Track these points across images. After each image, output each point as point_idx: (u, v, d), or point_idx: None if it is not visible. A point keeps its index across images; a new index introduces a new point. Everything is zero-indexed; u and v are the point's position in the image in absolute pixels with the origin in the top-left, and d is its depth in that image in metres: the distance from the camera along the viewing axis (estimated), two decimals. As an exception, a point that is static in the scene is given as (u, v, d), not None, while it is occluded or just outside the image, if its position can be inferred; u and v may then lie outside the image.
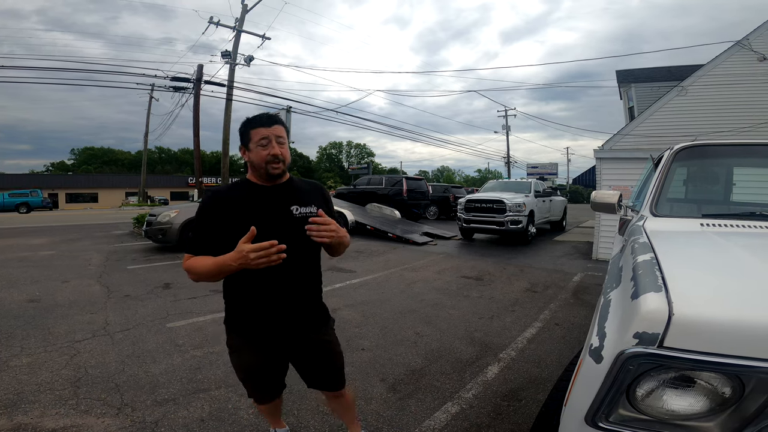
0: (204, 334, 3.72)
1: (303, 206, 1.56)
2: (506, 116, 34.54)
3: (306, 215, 1.53)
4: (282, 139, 1.51)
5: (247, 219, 1.44)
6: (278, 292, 1.53)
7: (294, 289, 1.57)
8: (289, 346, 1.64)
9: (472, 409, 2.55)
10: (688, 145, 2.38)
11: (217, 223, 1.48)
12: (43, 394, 2.61)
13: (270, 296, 1.53)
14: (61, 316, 4.22)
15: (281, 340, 1.61)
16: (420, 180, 17.73)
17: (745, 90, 7.82)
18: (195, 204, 10.03)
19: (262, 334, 1.58)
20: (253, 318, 1.56)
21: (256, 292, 1.53)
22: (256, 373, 1.68)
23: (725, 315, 0.83)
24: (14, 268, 6.75)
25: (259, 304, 1.54)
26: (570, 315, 4.48)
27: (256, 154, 1.49)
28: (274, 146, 1.48)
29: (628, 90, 12.93)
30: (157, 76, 15.67)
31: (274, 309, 1.55)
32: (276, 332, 1.58)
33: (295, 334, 1.62)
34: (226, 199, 1.50)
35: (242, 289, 1.55)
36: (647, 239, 1.39)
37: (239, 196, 1.52)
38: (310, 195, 1.63)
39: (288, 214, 1.53)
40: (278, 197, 1.54)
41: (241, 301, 1.57)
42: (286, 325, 1.58)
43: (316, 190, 1.69)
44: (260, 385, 1.73)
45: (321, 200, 1.66)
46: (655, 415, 0.87)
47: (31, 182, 44.81)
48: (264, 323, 1.56)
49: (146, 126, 32.09)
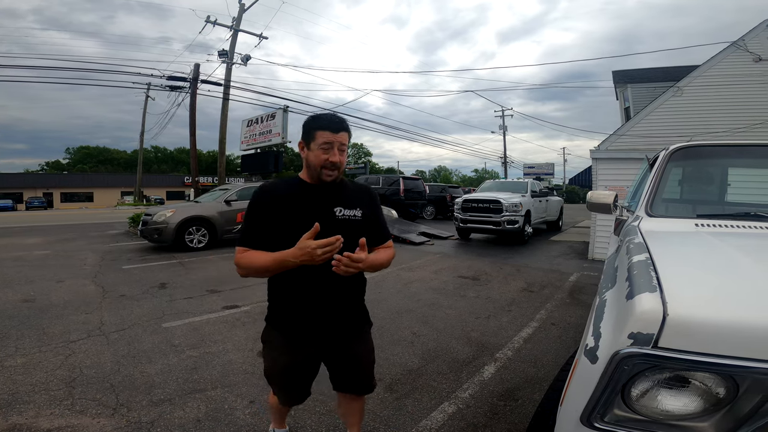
0: (200, 335, 3.71)
1: (347, 208, 1.55)
2: (503, 116, 34.61)
3: (349, 218, 1.54)
4: (344, 147, 1.51)
5: (291, 216, 1.47)
6: (323, 292, 1.53)
7: (338, 291, 1.56)
8: (326, 347, 1.64)
9: (468, 408, 2.55)
10: (683, 146, 2.39)
11: (267, 217, 1.49)
12: (38, 395, 2.60)
13: (314, 296, 1.53)
14: (55, 316, 4.20)
15: (320, 340, 1.61)
16: (417, 180, 17.75)
17: (741, 91, 7.86)
18: (191, 203, 10.00)
19: (302, 333, 1.58)
20: (295, 316, 1.56)
21: (301, 291, 1.53)
22: (289, 372, 1.65)
23: (719, 315, 0.83)
24: (8, 267, 6.71)
25: (303, 303, 1.54)
26: (566, 315, 4.49)
27: (315, 156, 1.49)
28: (335, 153, 1.48)
29: (624, 90, 12.96)
30: (154, 76, 15.59)
31: (317, 309, 1.55)
32: (317, 332, 1.58)
33: (335, 336, 1.62)
34: (276, 194, 1.51)
35: (287, 287, 1.55)
36: (642, 239, 1.40)
37: (288, 193, 1.53)
38: (357, 198, 1.62)
39: (330, 215, 1.52)
40: (324, 197, 1.54)
41: (286, 299, 1.57)
42: (328, 326, 1.58)
43: (364, 193, 1.68)
44: (289, 384, 1.70)
45: (369, 204, 1.65)
46: (650, 415, 0.87)
47: (26, 182, 44.61)
48: (306, 322, 1.56)
49: (142, 125, 31.96)
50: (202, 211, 9.09)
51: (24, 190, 42.43)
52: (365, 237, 1.52)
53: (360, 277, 1.66)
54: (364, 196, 1.66)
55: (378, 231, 1.67)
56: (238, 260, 1.47)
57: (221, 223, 9.16)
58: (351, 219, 1.55)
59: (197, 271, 6.59)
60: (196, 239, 8.81)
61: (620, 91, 13.46)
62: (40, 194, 42.38)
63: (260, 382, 2.82)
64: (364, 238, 1.41)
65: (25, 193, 41.62)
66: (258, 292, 5.26)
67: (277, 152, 16.08)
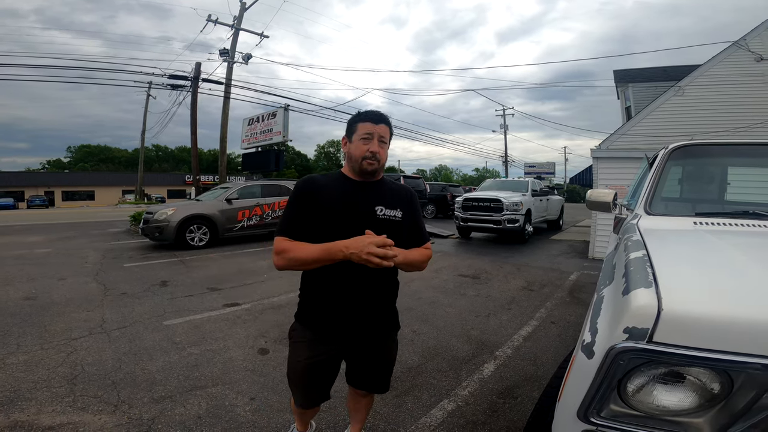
0: (201, 332, 3.72)
1: (388, 208, 1.55)
2: (504, 115, 34.56)
3: (389, 218, 1.54)
4: (384, 139, 1.52)
5: (331, 210, 1.47)
6: (356, 291, 1.52)
7: (371, 291, 1.56)
8: (353, 346, 1.63)
9: (468, 406, 2.56)
10: (682, 145, 2.40)
11: (305, 209, 1.49)
12: (40, 392, 2.61)
13: (347, 294, 1.52)
14: (57, 313, 4.22)
15: (349, 340, 1.60)
16: (418, 179, 17.76)
17: (742, 90, 7.85)
18: (192, 202, 10.02)
19: (331, 330, 1.56)
20: (326, 313, 1.55)
21: (335, 289, 1.52)
22: (311, 370, 1.61)
23: (714, 311, 0.84)
24: (10, 265, 6.73)
25: (335, 300, 1.53)
26: (566, 313, 4.50)
27: (356, 147, 1.51)
28: (375, 143, 1.49)
29: (625, 90, 12.95)
30: (155, 74, 15.62)
31: (349, 307, 1.54)
32: (345, 331, 1.57)
33: (364, 336, 1.61)
34: (316, 187, 1.51)
35: (322, 284, 1.54)
36: (640, 237, 1.40)
37: (330, 186, 1.53)
38: (397, 198, 1.61)
39: (371, 214, 1.52)
40: (366, 194, 1.54)
41: (318, 296, 1.56)
42: (357, 326, 1.57)
43: (405, 195, 1.66)
44: (309, 383, 1.66)
45: (409, 205, 1.64)
46: (645, 411, 0.88)
47: (28, 180, 44.68)
48: (336, 320, 1.54)
49: (143, 124, 32.02)
50: (203, 209, 9.10)
51: (25, 188, 42.49)
52: (404, 238, 1.54)
53: (393, 279, 1.66)
54: (405, 197, 1.65)
55: (417, 233, 1.66)
56: (283, 249, 1.44)
57: (222, 222, 9.18)
58: (391, 219, 1.54)
59: (198, 270, 6.61)
60: (197, 237, 8.82)
61: (621, 90, 13.44)
62: (42, 193, 42.44)
63: (261, 379, 2.84)
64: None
65: (26, 192, 41.68)
66: (258, 290, 5.27)
67: (278, 151, 16.10)
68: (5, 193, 38.83)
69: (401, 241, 1.53)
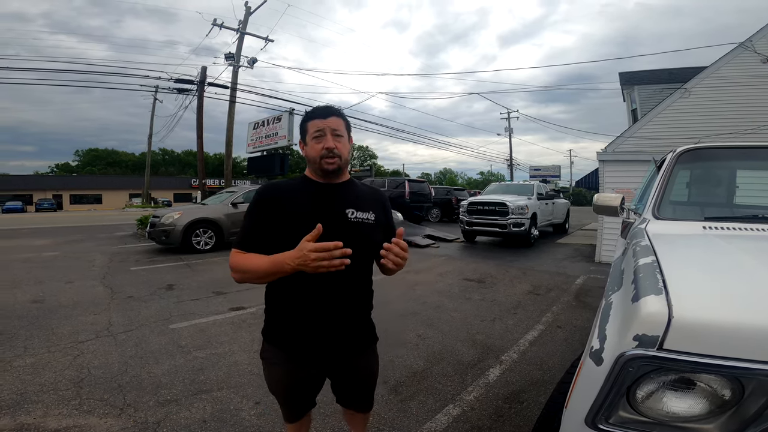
0: (206, 336, 3.73)
1: (360, 211, 1.43)
2: (509, 118, 34.54)
3: (362, 221, 1.43)
4: (339, 132, 1.39)
5: (298, 216, 1.34)
6: (326, 304, 1.39)
7: (343, 303, 1.42)
8: (329, 364, 1.51)
9: (473, 411, 2.55)
10: (690, 148, 2.38)
11: (268, 217, 1.36)
12: (46, 395, 2.63)
13: (316, 308, 1.39)
14: (64, 316, 4.25)
15: (320, 358, 1.46)
16: (422, 182, 17.74)
17: (749, 92, 7.78)
18: (198, 206, 10.07)
19: (303, 350, 1.43)
20: (295, 331, 1.41)
21: (302, 303, 1.39)
22: (291, 389, 1.53)
23: (725, 317, 0.83)
24: (18, 268, 6.79)
25: (303, 316, 1.40)
26: (572, 317, 4.47)
27: (311, 148, 1.39)
28: (329, 139, 1.37)
29: (631, 92, 12.89)
30: (161, 78, 15.82)
31: (319, 323, 1.40)
32: (319, 349, 1.43)
33: (338, 353, 1.48)
34: (280, 193, 1.40)
35: (286, 298, 1.41)
36: (649, 242, 1.39)
37: (293, 191, 1.41)
38: (369, 200, 1.51)
39: (342, 217, 1.40)
40: (334, 197, 1.42)
41: (284, 312, 1.43)
42: (331, 342, 1.44)
43: (377, 197, 1.56)
44: (291, 402, 1.59)
45: (381, 207, 1.54)
46: (655, 417, 0.87)
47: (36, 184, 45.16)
48: (307, 338, 1.41)
49: (150, 128, 32.33)
50: (209, 213, 9.15)
51: (34, 191, 42.93)
52: (379, 241, 1.44)
53: (367, 288, 1.54)
54: (377, 199, 1.56)
55: (391, 234, 1.54)
56: (235, 263, 1.34)
57: (228, 225, 9.21)
58: (364, 222, 1.43)
59: (204, 273, 6.63)
60: (203, 241, 8.86)
61: (627, 92, 13.38)
62: (50, 196, 42.86)
63: (266, 383, 2.83)
64: (402, 228, 1.35)
65: (34, 195, 42.12)
66: (263, 294, 5.28)
67: (283, 154, 16.15)
68: (14, 197, 39.26)
69: (376, 244, 1.43)
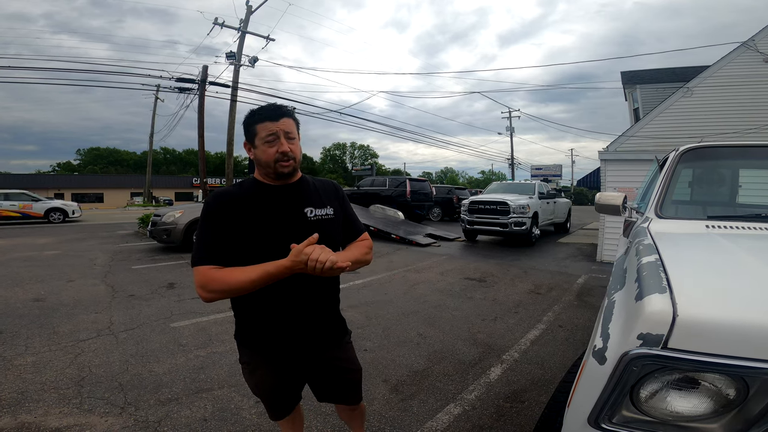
0: (207, 334, 3.73)
1: (318, 208, 1.43)
2: (510, 117, 34.48)
3: (321, 218, 1.42)
4: (291, 134, 1.35)
5: (257, 222, 1.32)
6: (294, 303, 1.39)
7: (310, 301, 1.43)
8: (304, 361, 1.50)
9: (474, 410, 2.54)
10: (693, 147, 2.37)
11: (225, 227, 1.30)
12: (47, 393, 2.63)
13: (285, 308, 1.39)
14: (65, 315, 4.25)
15: (297, 355, 1.47)
16: (423, 181, 17.71)
17: (751, 91, 7.76)
18: (199, 205, 10.07)
19: (277, 350, 1.44)
20: (266, 332, 1.42)
21: (270, 304, 1.38)
22: (273, 390, 1.54)
23: (730, 316, 0.82)
24: (19, 267, 6.80)
25: (273, 317, 1.40)
26: (574, 317, 4.46)
27: (262, 152, 1.33)
28: (283, 143, 1.32)
29: (633, 91, 12.85)
30: (162, 77, 15.80)
31: (289, 322, 1.41)
32: (291, 347, 1.44)
33: (311, 350, 1.48)
34: (233, 201, 1.34)
35: (254, 301, 1.38)
36: (652, 241, 1.38)
37: (247, 197, 1.35)
38: (324, 195, 1.49)
39: (302, 217, 1.38)
40: (290, 198, 1.39)
41: (254, 314, 1.42)
42: (302, 340, 1.44)
43: (330, 190, 1.54)
44: (277, 401, 1.58)
45: (336, 200, 1.52)
46: (658, 417, 0.86)
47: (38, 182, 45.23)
48: (279, 338, 1.42)
49: (151, 127, 32.35)
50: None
51: (36, 190, 42.91)
52: (340, 235, 1.43)
53: (334, 284, 1.53)
54: (331, 192, 1.53)
55: (351, 227, 1.56)
56: (207, 281, 1.23)
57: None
58: (324, 219, 1.42)
59: (205, 272, 6.62)
60: (204, 240, 8.84)
61: (629, 92, 13.36)
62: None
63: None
64: (316, 234, 1.26)
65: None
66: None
67: (283, 153, 16.13)
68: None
69: (338, 239, 1.43)
